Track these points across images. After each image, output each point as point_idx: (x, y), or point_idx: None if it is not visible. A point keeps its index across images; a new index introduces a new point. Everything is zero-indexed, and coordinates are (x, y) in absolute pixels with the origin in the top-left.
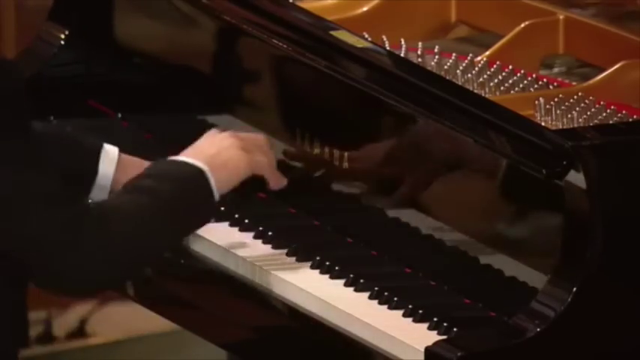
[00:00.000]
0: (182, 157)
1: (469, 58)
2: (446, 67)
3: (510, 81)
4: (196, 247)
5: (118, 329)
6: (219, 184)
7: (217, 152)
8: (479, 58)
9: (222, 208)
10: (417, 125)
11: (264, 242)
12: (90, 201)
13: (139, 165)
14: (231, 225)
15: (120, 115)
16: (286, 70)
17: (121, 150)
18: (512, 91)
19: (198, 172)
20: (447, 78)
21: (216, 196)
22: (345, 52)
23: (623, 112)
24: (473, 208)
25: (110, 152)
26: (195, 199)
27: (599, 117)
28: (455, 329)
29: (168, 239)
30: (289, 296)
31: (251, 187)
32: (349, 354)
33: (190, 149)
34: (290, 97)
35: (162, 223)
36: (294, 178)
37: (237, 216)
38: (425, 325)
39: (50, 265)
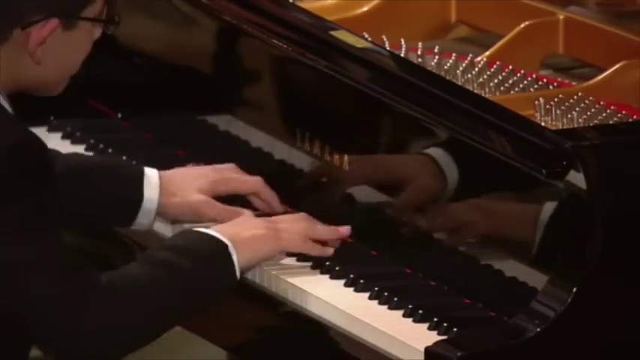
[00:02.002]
0: (208, 230)
1: (469, 58)
2: (446, 67)
3: (510, 81)
4: None
5: None
6: (242, 261)
7: (242, 229)
8: (479, 58)
9: None
10: (416, 125)
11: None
12: (134, 227)
13: (179, 180)
14: None
15: (120, 115)
16: (286, 70)
17: (121, 150)
18: (512, 91)
19: (222, 247)
20: (447, 78)
21: (238, 273)
22: (345, 52)
23: (623, 112)
24: (473, 208)
25: (151, 176)
26: (216, 276)
27: (599, 117)
28: (455, 329)
29: (180, 314)
30: (289, 296)
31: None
32: (349, 354)
33: (219, 225)
34: (290, 97)
35: (176, 300)
36: (289, 177)
37: None
38: (425, 325)
39: (54, 338)
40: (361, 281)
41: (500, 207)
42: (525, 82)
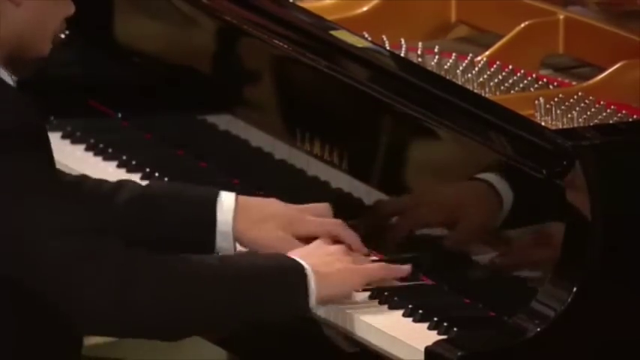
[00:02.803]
0: (292, 254)
1: (469, 58)
2: (446, 67)
3: (510, 81)
4: None
5: None
6: (322, 293)
7: (328, 260)
8: (479, 58)
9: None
10: (416, 125)
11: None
12: (217, 253)
13: (259, 204)
14: None
15: (120, 115)
16: (286, 70)
17: (121, 150)
18: (512, 91)
19: (299, 269)
20: (447, 78)
21: (312, 301)
22: (345, 52)
23: (623, 112)
24: (472, 207)
25: (225, 200)
26: (279, 294)
27: (599, 117)
28: (455, 329)
29: (226, 318)
30: None
31: None
32: (349, 353)
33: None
34: (290, 97)
35: (224, 299)
36: (289, 177)
37: None
38: (425, 325)
39: (65, 299)
40: None
41: (500, 207)
42: (525, 81)
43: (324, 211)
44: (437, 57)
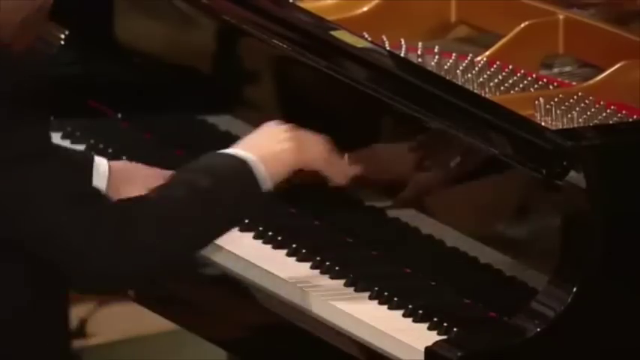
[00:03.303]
0: (228, 150)
1: (469, 58)
2: (446, 67)
3: (510, 81)
4: None
5: (118, 329)
6: (268, 175)
7: (268, 144)
8: (479, 58)
9: None
10: (416, 125)
11: (264, 242)
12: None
13: (132, 173)
14: None
15: (120, 115)
16: (286, 70)
17: (121, 150)
18: (512, 91)
19: (242, 163)
20: (447, 78)
21: (268, 184)
22: (345, 52)
23: (623, 112)
24: (473, 208)
25: (101, 166)
26: (239, 190)
27: (599, 117)
28: (455, 329)
29: (206, 232)
30: (289, 296)
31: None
32: (349, 354)
33: (242, 141)
34: (290, 97)
35: (198, 218)
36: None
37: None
38: (425, 325)
39: (73, 264)
40: (361, 281)
41: (500, 207)
42: (525, 82)
43: None
44: (437, 57)
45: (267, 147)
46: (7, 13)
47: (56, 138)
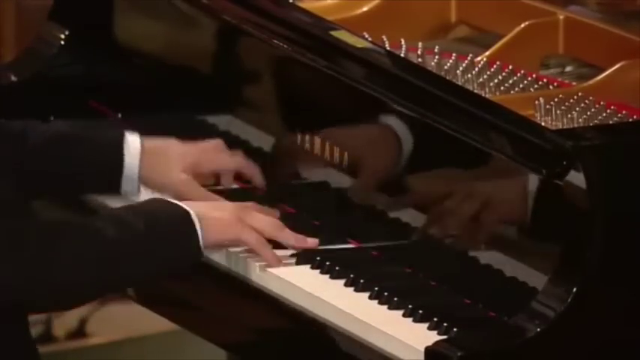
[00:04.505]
0: (172, 200)
1: (469, 58)
2: (446, 67)
3: (510, 81)
4: None
5: (118, 329)
6: (208, 238)
7: (211, 208)
8: (479, 58)
9: None
10: (416, 125)
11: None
12: (123, 194)
13: (163, 153)
14: None
15: (120, 115)
16: (286, 70)
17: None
18: (512, 91)
19: (185, 215)
20: (447, 78)
21: (202, 246)
22: (345, 52)
23: (623, 112)
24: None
25: (132, 142)
26: (175, 242)
27: (599, 117)
28: (455, 329)
29: (128, 274)
30: (289, 296)
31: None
32: (349, 354)
33: (188, 201)
34: (290, 97)
35: (122, 258)
36: (291, 177)
37: None
38: (425, 325)
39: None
40: (361, 281)
41: (500, 207)
42: (525, 82)
43: (220, 146)
44: (437, 57)
45: (210, 212)
46: None
47: None
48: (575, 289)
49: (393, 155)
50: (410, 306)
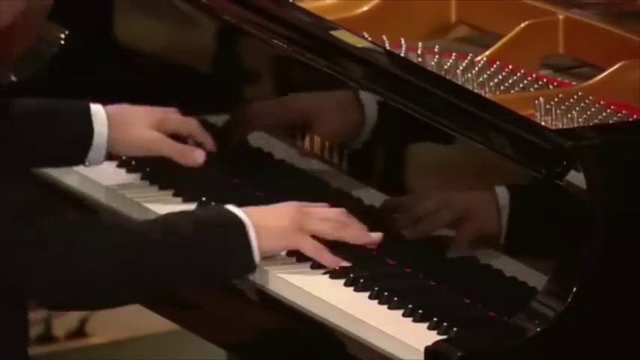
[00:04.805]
0: (231, 207)
1: (469, 58)
2: (446, 67)
3: (510, 81)
4: None
5: (118, 329)
6: (263, 247)
7: (269, 215)
8: (479, 58)
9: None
10: (416, 125)
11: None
12: (86, 165)
13: (127, 115)
14: None
15: None
16: (286, 70)
17: None
18: (512, 91)
19: (239, 224)
20: (447, 78)
21: (257, 256)
22: (345, 52)
23: (623, 112)
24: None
25: (97, 111)
26: (223, 248)
27: (599, 117)
28: (455, 329)
29: (163, 279)
30: (289, 296)
31: None
32: (349, 354)
33: (247, 208)
34: (290, 97)
35: (159, 262)
36: (288, 177)
37: None
38: (425, 325)
39: (21, 278)
40: (361, 281)
41: (500, 207)
42: (525, 81)
43: (176, 111)
44: (437, 57)
45: (268, 221)
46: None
47: None
48: (575, 289)
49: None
50: (410, 306)
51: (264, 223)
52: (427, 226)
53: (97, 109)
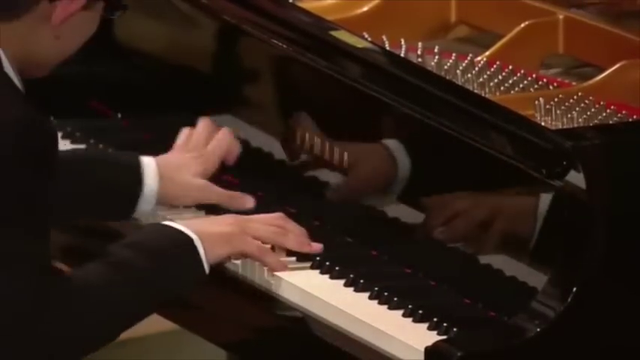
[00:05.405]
0: (173, 224)
1: (469, 58)
2: (446, 67)
3: (510, 81)
4: None
5: None
6: (210, 255)
7: (209, 224)
8: (479, 58)
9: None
10: (416, 125)
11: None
12: (135, 216)
13: (175, 167)
14: None
15: (120, 115)
16: (286, 70)
17: (121, 150)
18: (512, 91)
19: (187, 241)
20: (447, 78)
21: (207, 266)
22: (345, 52)
23: (623, 112)
24: (473, 208)
25: (148, 163)
26: (179, 270)
27: (599, 117)
28: (455, 329)
29: (140, 312)
30: (289, 296)
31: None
32: (349, 354)
33: (186, 221)
34: (290, 97)
35: (133, 301)
36: (289, 177)
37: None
38: (425, 325)
39: (11, 337)
40: (361, 281)
41: (500, 207)
42: (525, 82)
43: (209, 126)
44: (437, 57)
45: (210, 228)
46: (65, 57)
47: None
48: (575, 289)
49: (386, 176)
50: (410, 306)
51: (207, 230)
52: (426, 226)
53: (148, 161)
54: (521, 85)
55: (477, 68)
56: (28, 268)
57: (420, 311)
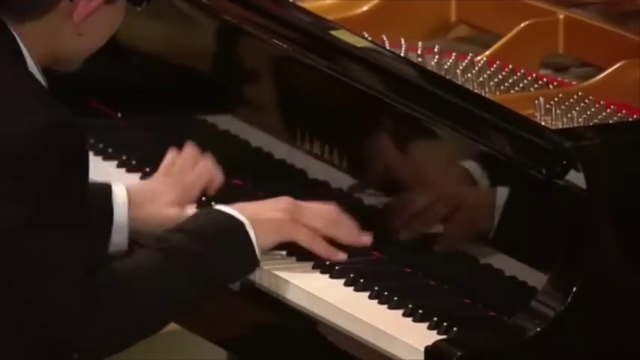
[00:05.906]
0: (226, 208)
1: (469, 58)
2: (446, 67)
3: (510, 80)
4: None
5: None
6: (261, 241)
7: (262, 209)
8: (479, 58)
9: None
10: (416, 125)
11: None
12: (111, 249)
13: (150, 195)
14: None
15: (120, 115)
16: (286, 70)
17: (121, 150)
18: (512, 91)
19: (239, 226)
20: (447, 78)
21: (258, 252)
22: (345, 52)
23: (623, 112)
24: (472, 207)
25: (119, 193)
26: (232, 256)
27: (599, 117)
28: (455, 329)
29: (194, 298)
30: (289, 296)
31: None
32: (349, 353)
33: (239, 204)
34: (290, 97)
35: (188, 287)
36: (289, 177)
37: None
38: (425, 325)
39: (65, 333)
40: (361, 281)
41: (500, 206)
42: (525, 81)
43: (194, 153)
44: (437, 57)
45: (262, 214)
46: (89, 53)
47: None
48: (575, 289)
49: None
50: (410, 306)
51: (259, 217)
52: (426, 225)
53: (118, 194)
54: (521, 85)
55: (476, 68)
56: (73, 270)
57: (420, 311)
